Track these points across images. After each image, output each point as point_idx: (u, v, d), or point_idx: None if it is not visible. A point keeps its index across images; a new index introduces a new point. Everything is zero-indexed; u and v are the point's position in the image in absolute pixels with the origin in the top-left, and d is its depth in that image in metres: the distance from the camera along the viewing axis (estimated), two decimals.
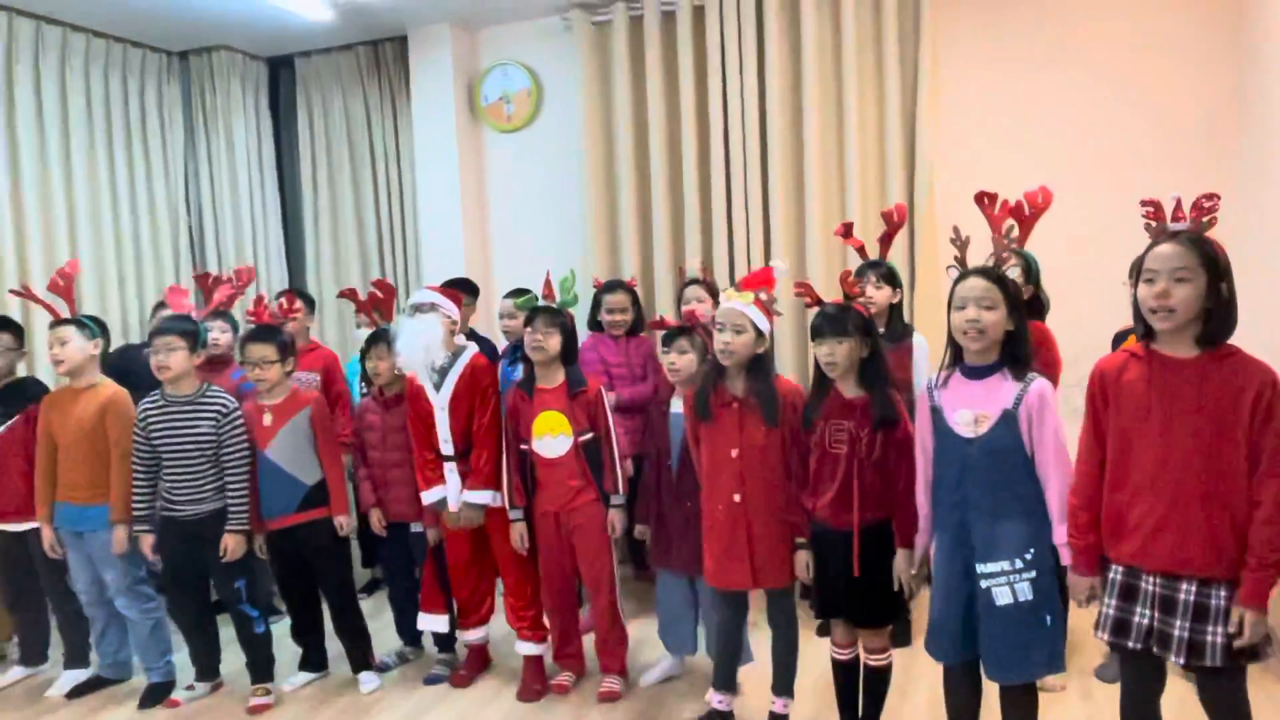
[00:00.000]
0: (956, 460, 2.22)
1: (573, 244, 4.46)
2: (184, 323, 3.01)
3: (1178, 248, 1.88)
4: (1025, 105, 3.84)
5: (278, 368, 3.06)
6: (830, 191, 3.98)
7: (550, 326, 2.91)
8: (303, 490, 3.09)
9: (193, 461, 2.96)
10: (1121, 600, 1.99)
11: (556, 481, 2.95)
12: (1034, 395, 2.13)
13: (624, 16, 4.22)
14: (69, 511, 3.10)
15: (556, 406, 2.94)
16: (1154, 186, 3.56)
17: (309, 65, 4.97)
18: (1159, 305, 1.88)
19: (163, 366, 2.92)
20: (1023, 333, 2.20)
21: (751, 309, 2.59)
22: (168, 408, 2.98)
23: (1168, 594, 1.92)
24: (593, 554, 2.98)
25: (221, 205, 4.84)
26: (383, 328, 3.23)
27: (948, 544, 2.25)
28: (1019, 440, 2.14)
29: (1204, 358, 1.90)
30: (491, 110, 4.63)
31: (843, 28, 3.90)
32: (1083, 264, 3.46)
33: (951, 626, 2.24)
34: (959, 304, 2.19)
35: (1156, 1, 3.64)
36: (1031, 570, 2.13)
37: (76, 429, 3.06)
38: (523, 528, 3.02)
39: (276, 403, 3.10)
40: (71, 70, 4.25)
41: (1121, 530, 1.98)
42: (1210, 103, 3.60)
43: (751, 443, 2.60)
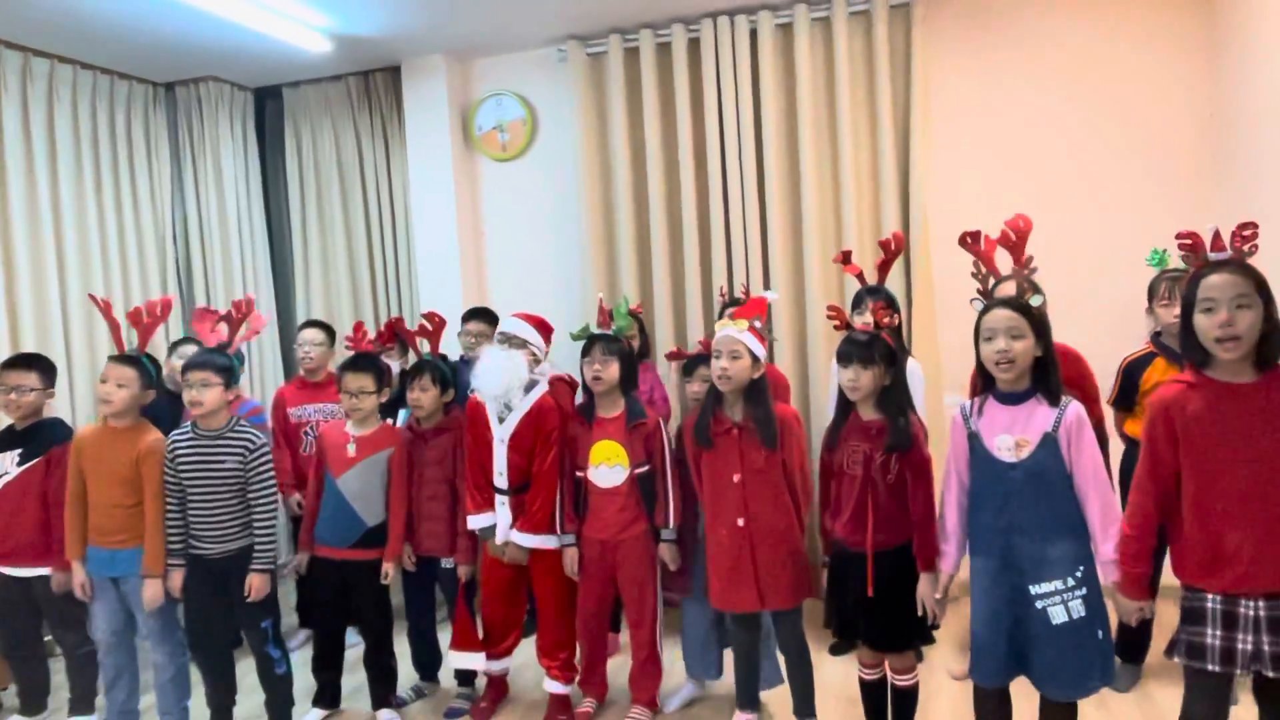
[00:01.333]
0: (999, 484, 2.25)
1: (570, 272, 4.50)
2: (219, 356, 2.97)
3: (1234, 276, 1.93)
4: (1014, 134, 3.98)
5: (373, 399, 3.06)
6: (826, 219, 4.08)
7: (608, 354, 2.90)
8: (362, 529, 3.07)
9: (219, 497, 2.91)
10: (1225, 630, 1.99)
11: (609, 511, 2.94)
12: (1071, 417, 2.19)
13: (619, 48, 4.29)
14: (100, 555, 3.00)
15: (615, 436, 2.93)
16: (1140, 208, 3.78)
17: (297, 95, 4.95)
18: (1226, 334, 1.92)
19: (196, 402, 2.87)
20: (1051, 357, 2.26)
21: (747, 335, 2.66)
22: (196, 441, 2.93)
23: (1273, 615, 1.95)
24: (639, 585, 2.96)
25: (210, 235, 4.79)
26: (426, 358, 3.21)
27: (993, 568, 2.27)
28: (1060, 462, 2.20)
29: (1264, 380, 1.96)
30: (486, 139, 4.66)
31: (836, 59, 4.02)
32: (1073, 286, 3.57)
33: (998, 650, 2.26)
34: (987, 335, 2.25)
35: (1137, 30, 3.81)
36: (1083, 588, 2.18)
37: (111, 472, 2.96)
38: (574, 554, 3.00)
39: (364, 434, 3.08)
40: (59, 101, 4.19)
41: (1218, 560, 1.99)
42: (1191, 127, 3.77)
43: (752, 467, 2.66)
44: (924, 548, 2.41)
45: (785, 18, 4.08)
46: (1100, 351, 3.20)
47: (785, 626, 2.74)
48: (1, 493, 3.12)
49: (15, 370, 3.14)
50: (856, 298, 3.35)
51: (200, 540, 2.93)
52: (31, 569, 3.13)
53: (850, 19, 4.00)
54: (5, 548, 3.12)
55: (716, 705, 3.14)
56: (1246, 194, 3.46)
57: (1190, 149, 3.77)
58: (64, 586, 3.10)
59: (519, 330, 3.01)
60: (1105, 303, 3.65)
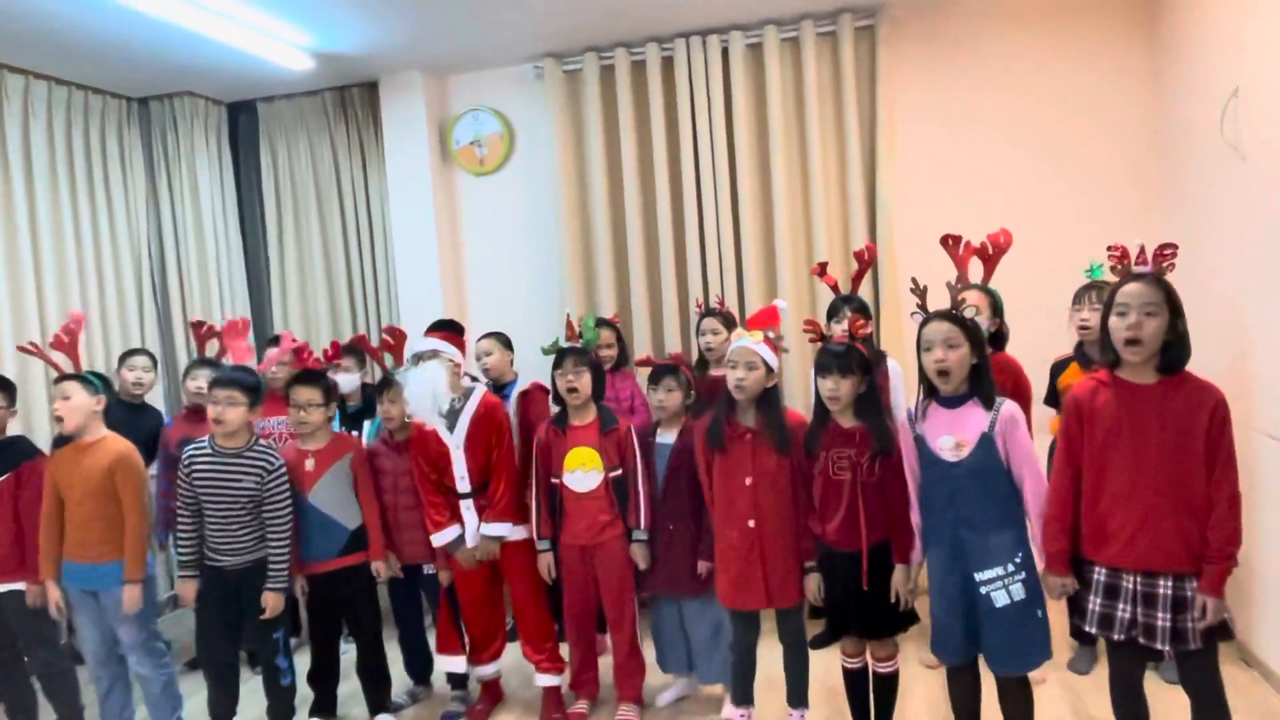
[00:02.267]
0: (945, 481, 2.47)
1: (549, 285, 4.60)
2: (248, 375, 3.01)
3: (1147, 286, 2.19)
4: (971, 149, 4.19)
5: (322, 411, 3.11)
6: (798, 231, 4.25)
7: (580, 366, 3.04)
8: (346, 535, 3.13)
9: (235, 513, 2.97)
10: (1105, 598, 2.28)
11: (585, 515, 3.06)
12: (1005, 417, 2.41)
13: (595, 65, 4.41)
14: (80, 570, 3.02)
15: (588, 443, 3.06)
16: (1088, 220, 4.01)
17: (271, 109, 4.98)
18: (1132, 335, 2.17)
19: (219, 419, 2.91)
20: (986, 364, 2.48)
21: (761, 346, 2.79)
22: (214, 458, 2.97)
23: (1148, 590, 2.21)
24: (616, 586, 3.09)
25: (185, 249, 4.79)
26: (393, 372, 3.29)
27: (945, 557, 2.48)
28: (997, 458, 2.41)
29: (1164, 383, 2.21)
30: (464, 154, 4.75)
31: (804, 78, 4.19)
32: (1026, 293, 3.77)
33: (955, 631, 2.48)
34: (926, 345, 2.47)
35: (1084, 51, 4.04)
36: (1021, 572, 2.40)
37: (84, 486, 2.99)
38: (550, 558, 3.12)
39: (319, 448, 3.14)
40: (34, 117, 4.18)
41: (1104, 537, 2.26)
42: (1136, 144, 4.01)
43: (764, 471, 2.78)
44: (900, 542, 2.59)
45: (755, 38, 4.24)
46: (1049, 355, 3.42)
47: (788, 622, 2.87)
48: None
49: None
50: (832, 307, 3.51)
51: (217, 552, 2.98)
52: (3, 585, 3.12)
53: (818, 39, 4.18)
54: None
55: (705, 701, 3.27)
56: (1185, 207, 3.71)
57: (1134, 165, 4.01)
58: (38, 601, 3.10)
59: (427, 344, 3.12)
60: (1055, 309, 3.85)
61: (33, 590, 3.11)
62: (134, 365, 3.87)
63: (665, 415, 3.12)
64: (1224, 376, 3.06)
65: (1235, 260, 3.15)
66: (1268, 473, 2.96)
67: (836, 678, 2.87)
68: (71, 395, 2.99)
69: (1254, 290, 3.03)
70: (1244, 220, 3.10)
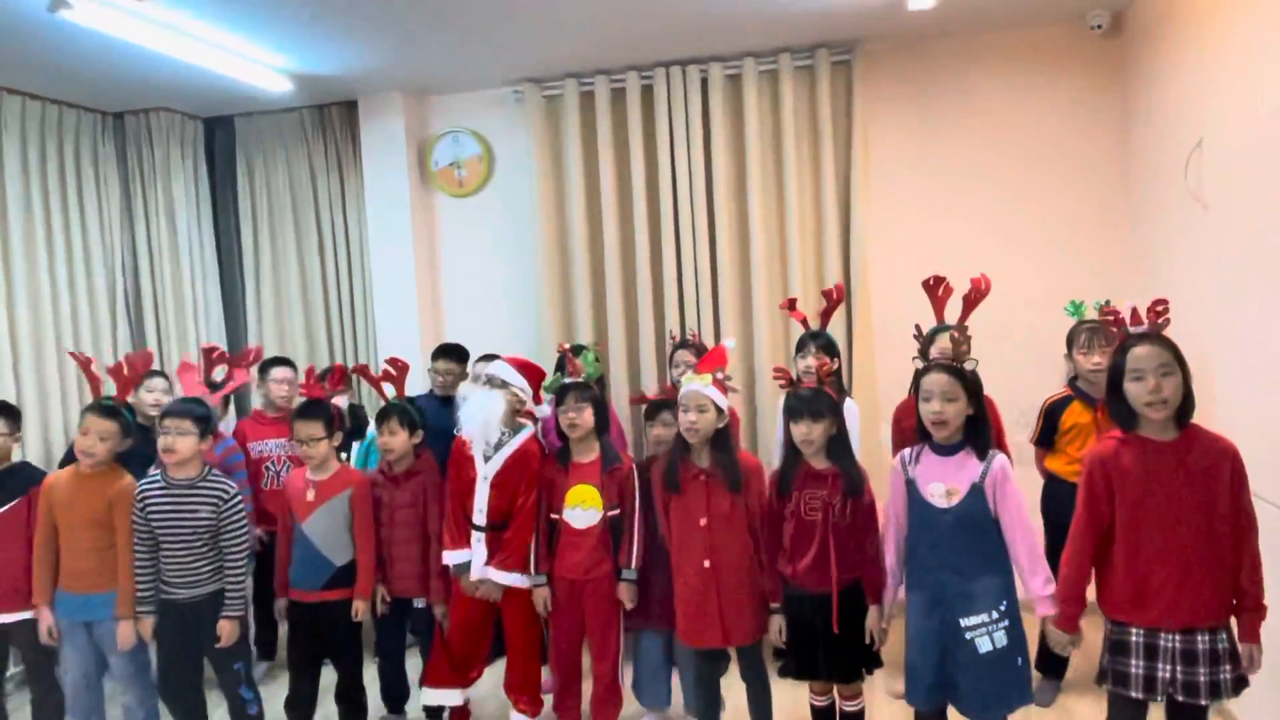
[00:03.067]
0: (932, 527, 2.51)
1: (527, 308, 4.62)
2: (198, 406, 3.00)
3: (1156, 348, 2.20)
4: (945, 184, 4.26)
5: (325, 444, 3.12)
6: (773, 263, 4.30)
7: (581, 402, 3.05)
8: (330, 570, 3.14)
9: (191, 546, 2.96)
10: (1147, 660, 2.25)
11: (580, 550, 3.06)
12: (997, 469, 2.47)
13: (574, 91, 4.44)
14: (72, 600, 3.01)
15: (590, 480, 3.07)
16: (1058, 256, 4.10)
17: (249, 125, 4.96)
18: (1155, 399, 2.18)
19: (169, 449, 2.90)
20: (983, 416, 2.53)
21: (711, 389, 2.84)
22: (169, 490, 2.96)
23: (1187, 648, 2.22)
24: (603, 622, 3.11)
25: (160, 266, 4.76)
26: (394, 403, 3.29)
27: (925, 601, 2.53)
28: (986, 509, 2.47)
29: (1181, 438, 2.24)
30: (443, 175, 4.75)
31: (781, 110, 4.24)
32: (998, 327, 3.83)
33: (928, 677, 2.52)
34: (925, 396, 2.52)
35: (1054, 91, 4.13)
36: (1005, 620, 2.45)
37: (83, 517, 2.98)
38: (546, 593, 3.12)
39: (322, 479, 3.15)
40: (7, 132, 4.14)
41: (1144, 597, 2.24)
42: (1104, 182, 4.10)
43: (719, 511, 2.83)
44: (873, 582, 2.65)
45: (734, 69, 4.28)
46: (1020, 388, 3.51)
47: (747, 659, 2.91)
48: None
49: None
50: (800, 342, 3.56)
51: (171, 585, 2.97)
52: (15, 615, 3.10)
53: (795, 72, 4.23)
54: None
55: None
56: (1151, 251, 3.80)
57: (1103, 206, 4.10)
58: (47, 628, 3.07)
59: (500, 372, 3.14)
60: (1025, 343, 3.95)
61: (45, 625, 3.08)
62: (153, 387, 3.85)
63: (662, 450, 3.12)
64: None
65: (1197, 308, 3.23)
66: None
67: (804, 709, 2.92)
68: (109, 439, 2.98)
69: (1213, 335, 3.11)
70: (1205, 270, 3.18)
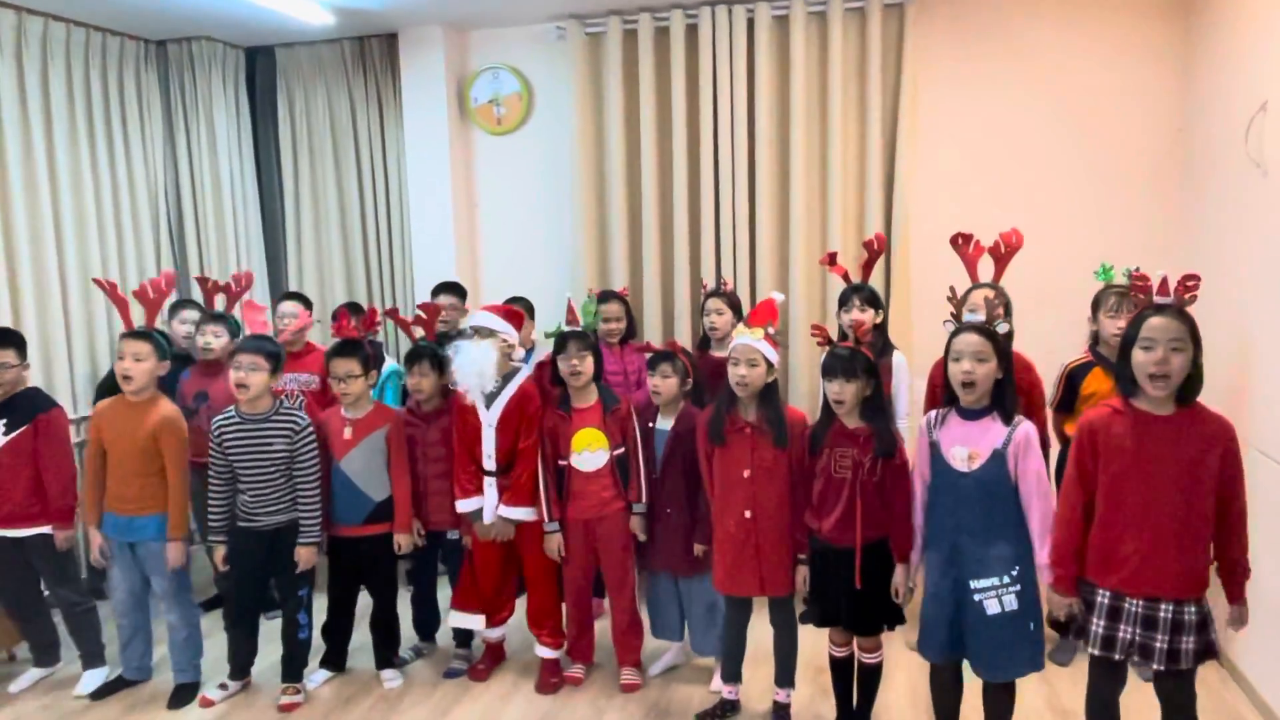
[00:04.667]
0: (952, 489, 2.55)
1: (562, 248, 4.62)
2: (269, 343, 3.11)
3: (1173, 321, 2.20)
4: (994, 138, 4.15)
5: (361, 381, 3.20)
6: (813, 212, 4.24)
7: (583, 350, 3.12)
8: (370, 505, 3.25)
9: (269, 476, 3.11)
10: (1109, 620, 2.34)
11: (591, 492, 3.18)
12: (1020, 436, 2.48)
13: (618, 29, 4.35)
14: (119, 522, 3.17)
15: (594, 423, 3.16)
16: (1107, 216, 4.00)
17: (290, 56, 4.93)
18: (1159, 371, 2.19)
19: (242, 385, 3.02)
20: (1010, 381, 2.53)
21: (762, 343, 2.85)
22: (244, 425, 3.09)
23: (1149, 614, 2.29)
24: (617, 558, 3.23)
25: (202, 195, 4.81)
26: (423, 344, 3.35)
27: (941, 561, 2.58)
28: (1006, 474, 2.48)
29: (1179, 415, 2.25)
30: (481, 112, 4.71)
31: (830, 55, 4.13)
32: (1039, 287, 3.79)
33: (941, 632, 2.58)
34: (955, 356, 2.51)
35: (1114, 43, 3.97)
36: (1017, 585, 2.49)
37: (130, 443, 3.12)
38: (559, 539, 3.23)
39: (359, 417, 3.24)
40: (53, 60, 4.16)
41: (1112, 562, 2.32)
42: (1160, 140, 3.96)
43: (762, 464, 2.86)
44: (900, 541, 2.69)
45: (782, 10, 4.16)
46: (1060, 349, 3.44)
47: (780, 608, 2.99)
48: None
49: None
50: (843, 296, 3.53)
51: (251, 515, 3.12)
52: (26, 529, 3.29)
53: (845, 15, 4.10)
54: (1, 511, 3.27)
55: (697, 668, 3.42)
56: (1200, 214, 3.69)
57: (1155, 165, 3.97)
58: (66, 545, 3.29)
59: (486, 322, 3.19)
60: (1067, 306, 3.87)
61: (61, 536, 3.28)
62: (186, 319, 3.93)
63: (661, 401, 3.19)
64: (1224, 391, 3.13)
65: (1245, 275, 3.16)
66: (1260, 489, 3.02)
67: (823, 657, 3.00)
68: (144, 359, 3.10)
69: (1260, 307, 3.05)
70: (1258, 236, 3.09)
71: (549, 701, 3.24)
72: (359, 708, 3.23)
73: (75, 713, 3.25)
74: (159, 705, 3.26)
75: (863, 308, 3.47)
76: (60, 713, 3.25)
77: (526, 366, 3.30)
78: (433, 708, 3.23)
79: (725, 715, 3.09)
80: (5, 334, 3.33)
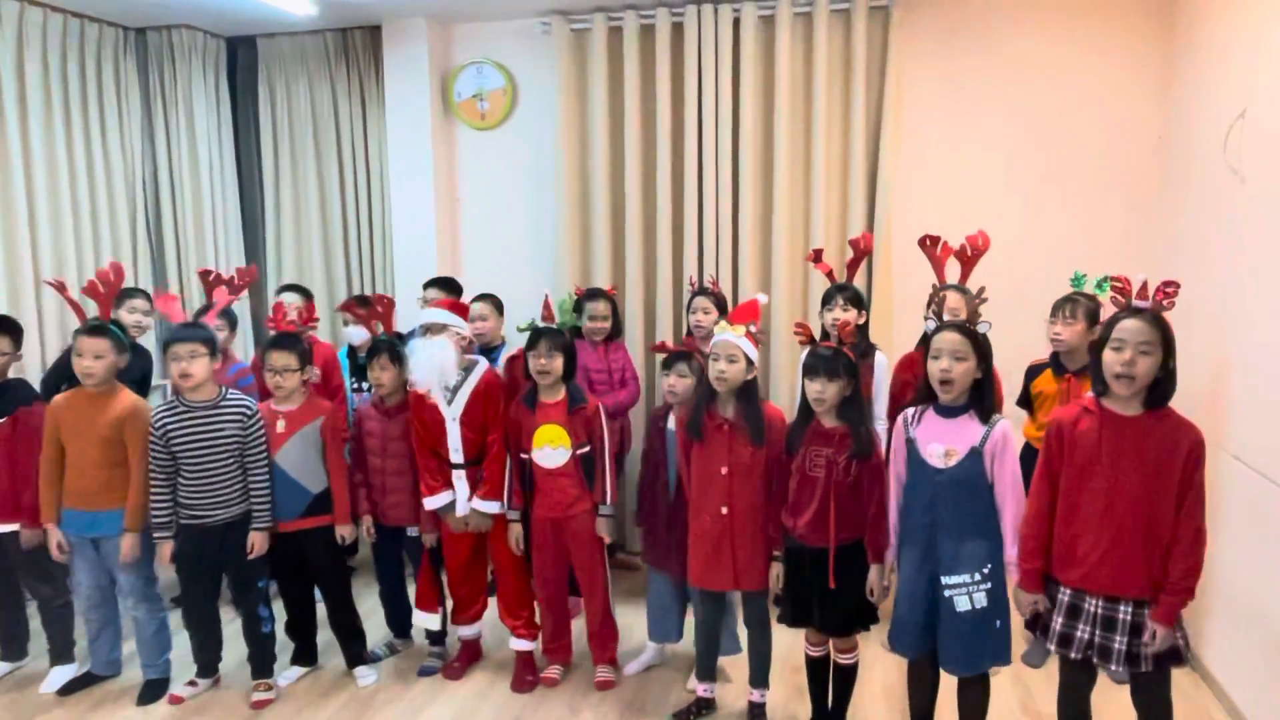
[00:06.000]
0: (928, 486, 2.55)
1: (545, 244, 4.60)
2: (203, 330, 3.05)
3: (1144, 324, 2.23)
4: (976, 141, 4.16)
5: (297, 376, 3.15)
6: (796, 212, 4.23)
7: (554, 349, 3.10)
8: (308, 498, 3.20)
9: (219, 467, 3.03)
10: (1067, 618, 2.38)
11: (554, 490, 3.16)
12: (998, 435, 2.49)
13: (603, 26, 4.33)
14: (80, 517, 3.11)
15: (557, 420, 3.14)
16: (1087, 221, 4.02)
17: (272, 46, 4.88)
18: (1124, 371, 2.22)
19: (186, 374, 2.95)
20: (989, 380, 2.54)
21: (743, 340, 2.84)
22: (190, 413, 3.01)
23: (1109, 614, 2.32)
24: (587, 558, 3.22)
25: (180, 184, 4.75)
26: (382, 338, 3.32)
27: (916, 557, 2.58)
28: (982, 472, 2.49)
29: (1147, 417, 2.27)
30: (465, 107, 4.68)
31: (815, 55, 4.13)
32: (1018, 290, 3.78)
33: (914, 627, 2.60)
34: (934, 354, 2.52)
35: (1097, 49, 3.99)
36: (987, 582, 2.50)
37: (91, 436, 3.06)
38: (519, 529, 3.23)
39: (291, 410, 3.19)
40: (29, 46, 4.10)
41: (1071, 559, 2.35)
42: (1140, 147, 3.99)
43: (739, 461, 2.86)
44: (875, 541, 2.68)
45: (768, 9, 4.16)
46: (1038, 353, 3.46)
47: (753, 605, 2.99)
48: None
49: None
50: (826, 295, 3.53)
51: (199, 510, 3.04)
52: (4, 525, 3.23)
53: (831, 16, 4.10)
54: None
55: (675, 668, 3.41)
56: (1179, 220, 3.71)
57: (1134, 171, 3.99)
58: (32, 542, 3.21)
59: (436, 317, 3.16)
60: (1040, 310, 3.88)
61: (26, 533, 3.22)
62: (134, 308, 3.88)
63: (677, 401, 3.15)
64: (1199, 395, 3.15)
65: (1223, 281, 3.18)
66: (1231, 494, 3.05)
67: (798, 657, 3.00)
68: (104, 355, 3.03)
69: (1237, 312, 3.07)
70: (1235, 242, 3.12)
71: (524, 700, 3.22)
72: (332, 704, 3.20)
73: (42, 708, 3.19)
74: (128, 702, 3.21)
75: (846, 307, 3.46)
76: (27, 708, 3.19)
77: (482, 360, 3.27)
78: (406, 705, 3.20)
79: (701, 714, 3.09)
80: (1, 321, 3.27)
